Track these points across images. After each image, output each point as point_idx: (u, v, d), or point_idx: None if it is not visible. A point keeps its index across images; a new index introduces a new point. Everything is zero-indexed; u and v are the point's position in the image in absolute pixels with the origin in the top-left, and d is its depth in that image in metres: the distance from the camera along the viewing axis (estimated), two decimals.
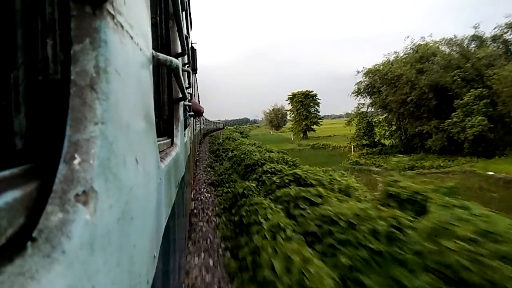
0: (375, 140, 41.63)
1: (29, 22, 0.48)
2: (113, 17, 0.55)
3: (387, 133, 41.66)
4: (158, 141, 1.29)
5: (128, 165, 0.62)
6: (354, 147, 41.25)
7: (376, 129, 42.21)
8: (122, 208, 0.57)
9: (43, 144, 0.49)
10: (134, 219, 0.66)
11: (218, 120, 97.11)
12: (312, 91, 75.95)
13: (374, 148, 38.89)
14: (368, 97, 43.52)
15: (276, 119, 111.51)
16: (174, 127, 2.21)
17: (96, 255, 0.45)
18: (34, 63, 0.49)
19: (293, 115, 77.11)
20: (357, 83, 44.04)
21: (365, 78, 42.97)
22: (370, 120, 42.89)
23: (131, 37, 0.68)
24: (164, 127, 2.18)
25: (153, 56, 0.97)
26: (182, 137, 2.61)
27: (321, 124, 76.08)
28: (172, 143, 2.06)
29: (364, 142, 40.79)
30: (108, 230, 0.50)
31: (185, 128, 2.95)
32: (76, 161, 0.44)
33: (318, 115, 77.06)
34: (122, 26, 0.60)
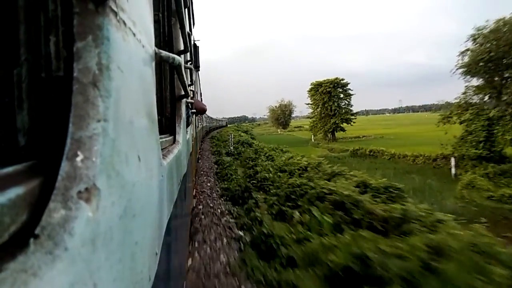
0: (497, 149, 23.18)
1: (32, 19, 0.48)
2: (115, 14, 0.55)
3: (506, 136, 22.71)
4: (160, 138, 1.29)
5: (131, 162, 0.62)
6: (456, 159, 23.02)
7: (499, 129, 23.18)
8: (124, 205, 0.57)
9: (45, 141, 0.49)
10: (136, 216, 0.66)
11: (218, 117, 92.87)
12: (343, 79, 58.07)
13: (503, 165, 21.01)
14: (481, 77, 25.00)
15: (283, 116, 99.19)
16: (176, 124, 2.22)
17: (98, 252, 0.46)
18: (37, 60, 0.49)
19: (317, 109, 59.31)
20: (462, 52, 25.68)
21: (475, 45, 24.92)
22: (487, 115, 23.57)
23: (134, 34, 0.68)
24: (166, 125, 2.18)
25: (155, 53, 0.97)
26: (184, 135, 2.61)
27: (354, 122, 58.59)
28: (174, 141, 2.07)
29: (479, 152, 22.85)
30: (110, 227, 0.50)
31: (187, 125, 2.95)
32: (78, 158, 0.44)
33: (351, 110, 58.90)
34: (124, 23, 0.60)
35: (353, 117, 58.98)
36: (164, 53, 1.08)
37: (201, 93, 15.77)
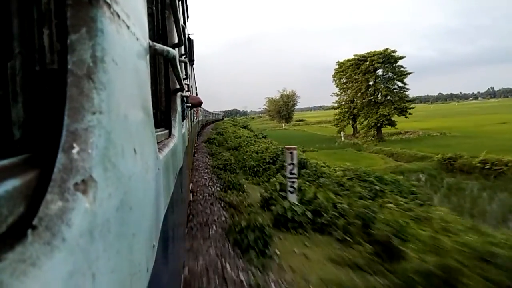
0: None
1: (25, 11, 0.48)
2: (109, 6, 0.55)
3: None
4: (156, 132, 1.29)
5: (127, 155, 0.63)
6: None
7: None
8: (121, 197, 0.58)
9: (41, 133, 0.49)
10: (133, 208, 0.67)
11: (215, 111, 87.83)
12: (394, 51, 40.40)
13: None
14: None
15: (286, 108, 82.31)
16: (172, 118, 2.21)
17: (96, 243, 0.46)
18: (30, 53, 0.49)
19: (357, 95, 42.85)
20: None
21: None
22: None
23: (128, 27, 0.68)
24: (162, 118, 2.17)
25: (149, 46, 0.97)
26: (180, 128, 2.60)
27: (410, 114, 40.94)
28: (169, 134, 2.06)
29: None
30: (108, 219, 0.51)
31: (183, 120, 2.94)
32: (74, 150, 0.44)
33: (406, 96, 41.24)
34: (118, 16, 0.60)
35: (412, 105, 41.12)
36: (158, 46, 1.08)
37: (196, 87, 15.57)
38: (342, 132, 42.93)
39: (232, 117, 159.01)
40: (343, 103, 45.73)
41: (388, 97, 40.21)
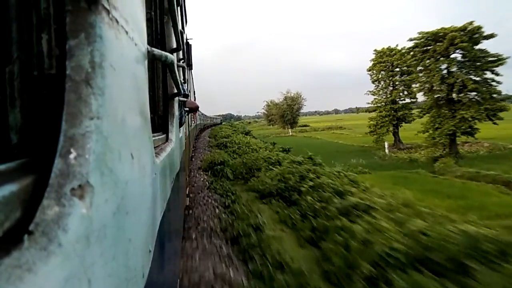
0: None
1: (24, 16, 0.48)
2: (108, 12, 0.55)
3: None
4: (153, 136, 1.29)
5: (124, 160, 0.63)
6: None
7: None
8: (117, 203, 0.57)
9: (38, 138, 0.49)
10: (130, 213, 0.67)
11: (211, 115, 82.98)
12: (481, 26, 27.11)
13: None
14: None
15: (290, 112, 72.04)
16: (169, 122, 2.21)
17: (92, 249, 0.46)
18: (29, 58, 0.49)
19: (383, 95, 34.84)
20: None
21: None
22: None
23: (126, 32, 0.68)
24: (159, 123, 2.17)
25: (148, 51, 0.97)
26: (177, 133, 2.60)
27: (500, 119, 27.51)
28: (167, 139, 2.06)
29: None
30: (104, 224, 0.51)
31: (180, 125, 2.94)
32: (71, 156, 0.44)
33: (498, 93, 27.31)
34: (117, 21, 0.60)
35: (509, 105, 27.52)
36: (156, 51, 1.08)
37: (194, 92, 15.52)
38: (386, 143, 31.42)
39: (229, 121, 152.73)
40: (383, 103, 35.29)
41: (474, 93, 27.32)
